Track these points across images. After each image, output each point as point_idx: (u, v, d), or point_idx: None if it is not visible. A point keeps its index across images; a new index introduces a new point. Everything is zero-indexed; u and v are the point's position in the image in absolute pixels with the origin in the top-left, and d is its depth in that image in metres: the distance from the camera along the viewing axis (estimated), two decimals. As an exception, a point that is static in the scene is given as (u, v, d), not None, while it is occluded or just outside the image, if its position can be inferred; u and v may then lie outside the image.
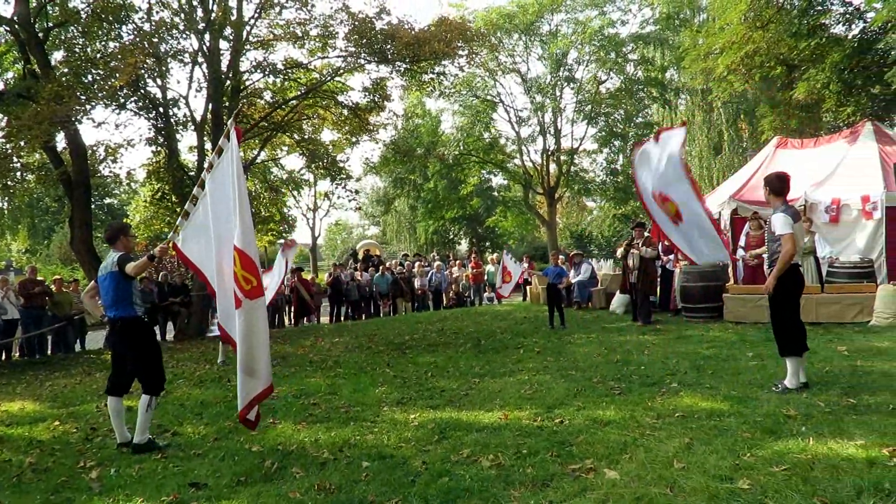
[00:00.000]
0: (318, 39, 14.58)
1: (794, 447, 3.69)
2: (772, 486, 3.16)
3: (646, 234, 10.28)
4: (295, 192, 24.77)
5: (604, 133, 28.98)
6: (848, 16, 15.79)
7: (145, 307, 8.71)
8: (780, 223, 5.02)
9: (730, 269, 10.76)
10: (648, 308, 10.17)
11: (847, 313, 8.65)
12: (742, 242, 10.22)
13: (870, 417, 4.19)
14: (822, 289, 9.22)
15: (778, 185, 5.22)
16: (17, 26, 11.97)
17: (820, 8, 15.59)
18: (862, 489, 3.03)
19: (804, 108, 17.91)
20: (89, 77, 12.08)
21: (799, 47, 15.65)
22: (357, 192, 20.14)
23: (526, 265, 14.87)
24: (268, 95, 16.08)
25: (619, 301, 12.00)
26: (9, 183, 12.16)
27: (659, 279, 11.15)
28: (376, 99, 15.78)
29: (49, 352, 12.41)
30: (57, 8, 12.74)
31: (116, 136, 58.06)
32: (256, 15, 14.04)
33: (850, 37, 15.88)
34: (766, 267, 5.34)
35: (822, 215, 10.56)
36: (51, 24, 12.75)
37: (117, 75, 11.11)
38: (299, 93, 15.47)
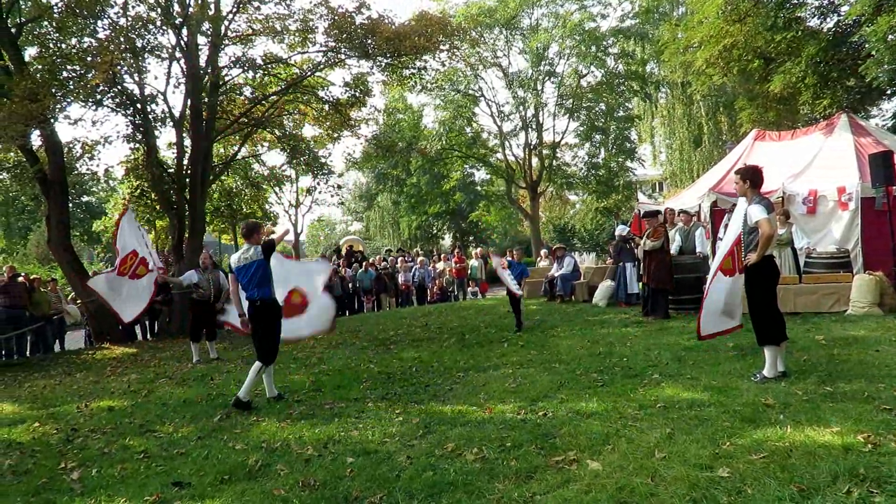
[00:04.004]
0: (297, 34, 14.44)
1: (773, 435, 3.75)
2: (750, 474, 3.22)
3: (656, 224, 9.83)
4: (277, 189, 24.59)
5: (585, 127, 29.06)
6: (823, 9, 16.01)
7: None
8: (755, 211, 5.13)
9: (710, 261, 10.87)
10: (662, 302, 9.64)
11: (824, 303, 8.80)
12: (721, 234, 10.30)
13: (846, 405, 4.26)
14: (800, 279, 9.36)
15: (755, 177, 5.32)
16: (-13, 22, 11.72)
17: (795, 1, 15.77)
18: (838, 475, 3.09)
19: (781, 101, 18.14)
20: (64, 73, 11.86)
21: (775, 40, 15.82)
22: (339, 187, 20.04)
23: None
24: (247, 91, 15.91)
25: (601, 293, 12.08)
26: (-17, 182, 11.95)
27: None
28: (357, 94, 15.69)
29: (28, 352, 12.22)
30: (30, 3, 12.48)
31: (93, 133, 57.14)
32: (235, 9, 13.86)
33: (825, 30, 16.09)
34: (742, 257, 5.42)
35: (800, 206, 10.71)
36: (23, 20, 12.49)
37: (93, 71, 10.93)
38: (279, 88, 15.34)
